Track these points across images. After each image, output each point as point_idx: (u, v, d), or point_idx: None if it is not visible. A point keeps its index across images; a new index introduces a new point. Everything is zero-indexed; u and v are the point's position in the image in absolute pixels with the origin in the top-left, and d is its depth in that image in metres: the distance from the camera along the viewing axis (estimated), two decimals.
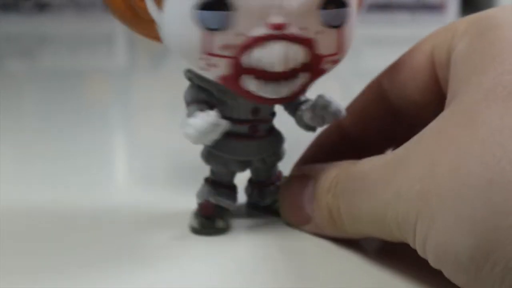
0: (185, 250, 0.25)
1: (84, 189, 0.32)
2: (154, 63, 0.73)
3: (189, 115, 0.24)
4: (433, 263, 0.19)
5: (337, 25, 0.23)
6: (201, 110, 0.24)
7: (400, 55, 0.26)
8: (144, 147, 0.42)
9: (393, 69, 0.26)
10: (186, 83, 0.25)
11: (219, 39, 0.22)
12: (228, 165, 0.26)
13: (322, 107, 0.25)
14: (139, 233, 0.27)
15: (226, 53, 0.22)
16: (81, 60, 0.74)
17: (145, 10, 0.24)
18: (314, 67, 0.23)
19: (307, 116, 0.25)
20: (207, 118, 0.23)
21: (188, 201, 0.29)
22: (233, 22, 0.22)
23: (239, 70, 0.22)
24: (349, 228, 0.23)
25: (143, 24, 0.24)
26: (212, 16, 0.22)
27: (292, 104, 0.26)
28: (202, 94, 0.25)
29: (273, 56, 0.22)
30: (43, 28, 0.86)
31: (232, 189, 0.27)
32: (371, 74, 0.28)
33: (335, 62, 0.24)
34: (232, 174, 0.27)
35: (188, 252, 0.25)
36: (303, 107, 0.25)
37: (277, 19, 0.22)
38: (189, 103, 0.25)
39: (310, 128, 0.26)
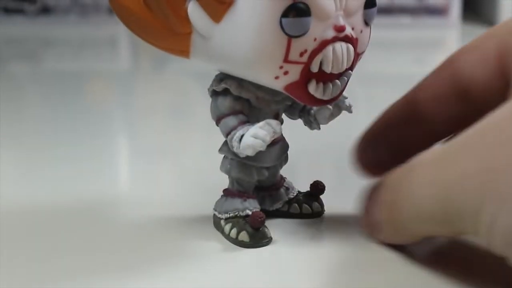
0: (190, 252, 0.25)
1: (86, 191, 0.32)
2: (157, 66, 0.73)
3: (230, 128, 0.24)
4: (500, 247, 0.18)
5: (369, 24, 0.24)
6: (242, 121, 0.24)
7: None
8: (147, 149, 0.42)
9: (466, 50, 0.26)
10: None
11: (298, 46, 0.22)
12: (253, 173, 0.26)
13: (340, 102, 0.25)
14: (142, 236, 0.27)
15: (301, 59, 0.22)
16: (85, 63, 0.74)
17: (183, 23, 0.23)
18: (353, 65, 0.24)
19: (325, 114, 0.26)
20: (274, 127, 0.23)
21: (191, 203, 0.29)
22: (310, 27, 0.22)
23: (307, 75, 0.23)
24: (408, 223, 0.22)
25: (173, 38, 0.23)
26: (296, 23, 0.22)
27: (296, 107, 0.26)
28: (238, 104, 0.24)
29: (339, 57, 0.23)
30: (47, 31, 0.87)
31: (254, 196, 0.27)
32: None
33: (359, 59, 0.24)
34: (255, 182, 0.27)
35: (197, 254, 0.25)
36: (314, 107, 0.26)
37: (342, 21, 0.22)
38: (224, 115, 0.24)
39: (316, 126, 0.26)
